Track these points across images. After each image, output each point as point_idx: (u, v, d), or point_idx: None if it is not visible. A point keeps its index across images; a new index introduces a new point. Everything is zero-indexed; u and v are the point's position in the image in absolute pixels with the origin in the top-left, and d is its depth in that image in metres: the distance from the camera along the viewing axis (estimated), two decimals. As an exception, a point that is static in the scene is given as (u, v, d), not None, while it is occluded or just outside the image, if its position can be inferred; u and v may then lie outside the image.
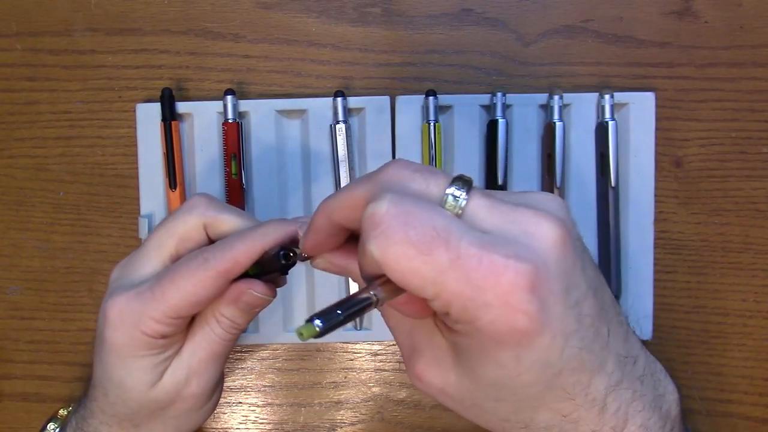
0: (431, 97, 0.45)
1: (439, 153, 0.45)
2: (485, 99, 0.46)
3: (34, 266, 0.48)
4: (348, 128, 0.46)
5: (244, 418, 0.48)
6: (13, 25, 0.48)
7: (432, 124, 0.45)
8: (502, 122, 0.45)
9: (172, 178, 0.46)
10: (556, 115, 0.45)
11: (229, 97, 0.45)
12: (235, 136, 0.45)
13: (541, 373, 0.25)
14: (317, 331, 0.24)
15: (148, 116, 0.46)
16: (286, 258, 0.32)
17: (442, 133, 0.46)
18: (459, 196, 0.24)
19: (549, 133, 0.46)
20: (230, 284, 0.33)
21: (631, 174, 0.46)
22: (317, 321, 0.24)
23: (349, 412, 0.48)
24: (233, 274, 0.32)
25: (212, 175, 0.47)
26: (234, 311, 0.34)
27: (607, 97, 0.45)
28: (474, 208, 0.25)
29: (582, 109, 0.46)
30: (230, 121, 0.45)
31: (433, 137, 0.45)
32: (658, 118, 0.46)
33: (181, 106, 0.46)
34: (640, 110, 0.46)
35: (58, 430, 0.44)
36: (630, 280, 0.46)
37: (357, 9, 0.47)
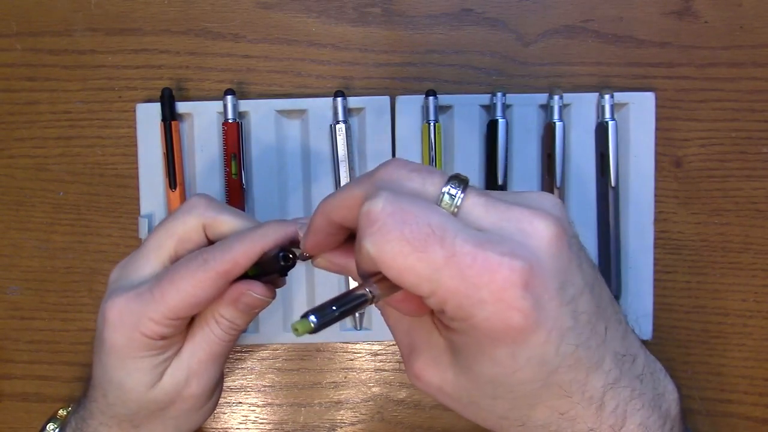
0: (431, 97, 0.45)
1: (439, 153, 0.45)
2: (485, 99, 0.46)
3: (34, 266, 0.48)
4: (348, 128, 0.46)
5: (244, 418, 0.48)
6: (13, 25, 0.48)
7: (432, 124, 0.45)
8: (502, 122, 0.45)
9: (172, 178, 0.46)
10: (556, 115, 0.45)
11: (229, 97, 0.45)
12: (235, 136, 0.45)
13: (537, 370, 0.25)
14: (312, 327, 0.24)
15: (148, 116, 0.46)
16: (286, 259, 0.32)
17: (442, 133, 0.46)
18: (455, 195, 0.25)
19: (549, 133, 0.46)
20: (230, 285, 0.33)
21: (631, 174, 0.46)
22: (312, 317, 0.24)
23: (349, 412, 0.48)
24: (232, 275, 0.32)
25: (212, 175, 0.47)
26: (233, 312, 0.34)
27: (607, 97, 0.45)
28: (470, 206, 0.25)
29: (582, 109, 0.46)
30: (230, 121, 0.45)
31: (433, 137, 0.45)
32: (658, 118, 0.46)
33: (181, 106, 0.46)
34: (640, 110, 0.46)
35: (57, 431, 0.44)
36: (630, 280, 0.46)
37: (357, 9, 0.47)
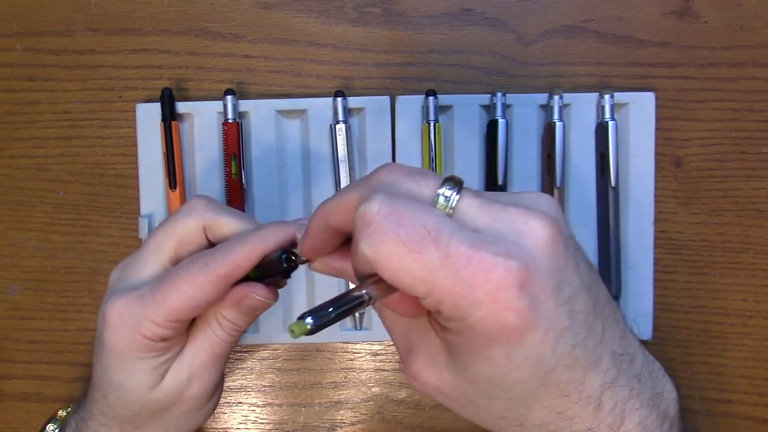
0: (431, 97, 0.45)
1: (439, 153, 0.45)
2: (485, 99, 0.46)
3: (34, 266, 0.48)
4: (348, 128, 0.46)
5: (244, 418, 0.48)
6: (13, 25, 0.48)
7: (432, 124, 0.45)
8: (502, 122, 0.45)
9: (172, 178, 0.46)
10: (556, 115, 0.45)
11: (229, 97, 0.45)
12: (235, 136, 0.45)
13: (534, 370, 0.25)
14: (308, 329, 0.24)
15: (148, 116, 0.46)
16: (288, 261, 0.32)
17: (442, 133, 0.46)
18: (450, 196, 0.25)
19: (549, 133, 0.46)
20: (232, 287, 0.33)
21: (631, 174, 0.46)
22: (308, 318, 0.24)
23: (349, 412, 0.48)
24: (234, 278, 0.32)
25: (212, 175, 0.47)
26: (235, 314, 0.34)
27: (607, 97, 0.45)
28: (465, 207, 0.25)
29: (582, 109, 0.46)
30: (230, 121, 0.45)
31: (433, 137, 0.45)
32: (658, 118, 0.46)
33: (181, 106, 0.46)
34: (640, 110, 0.46)
35: (57, 431, 0.44)
36: (630, 280, 0.46)
37: (357, 9, 0.47)
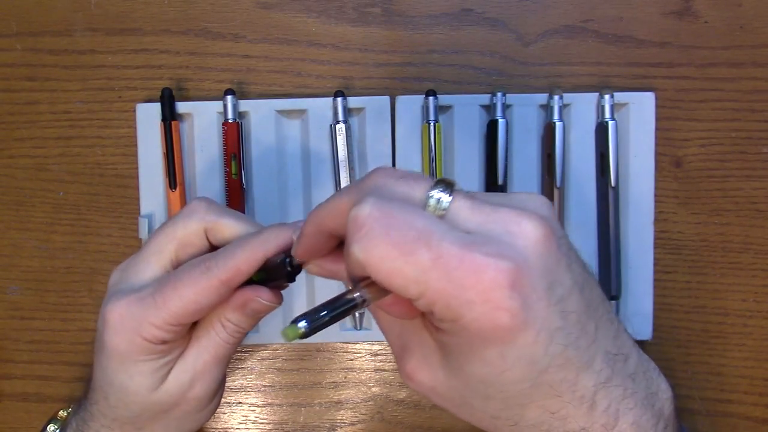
0: (431, 97, 0.45)
1: (439, 153, 0.45)
2: (485, 99, 0.46)
3: (34, 266, 0.48)
4: (348, 128, 0.46)
5: (244, 418, 0.48)
6: (13, 25, 0.48)
7: (432, 124, 0.45)
8: (502, 122, 0.45)
9: (172, 178, 0.46)
10: (556, 115, 0.45)
11: (229, 97, 0.45)
12: (235, 136, 0.45)
13: (526, 370, 0.25)
14: (302, 333, 0.24)
15: (148, 116, 0.46)
16: (292, 265, 0.31)
17: (442, 133, 0.46)
18: (441, 199, 0.25)
19: (549, 133, 0.46)
20: (236, 290, 0.33)
21: (631, 174, 0.46)
22: (302, 322, 0.24)
23: (349, 412, 0.48)
24: (235, 282, 0.32)
25: (212, 175, 0.47)
26: (240, 316, 0.34)
27: (607, 97, 0.45)
28: (456, 209, 0.25)
29: (582, 109, 0.46)
30: (230, 121, 0.45)
31: (433, 137, 0.45)
32: (658, 118, 0.46)
33: (181, 106, 0.46)
34: (640, 110, 0.46)
35: (58, 431, 0.44)
36: (630, 280, 0.46)
37: (357, 9, 0.47)
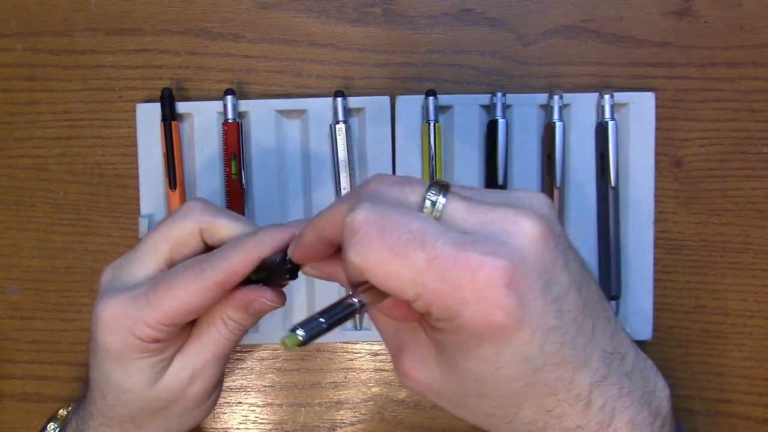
0: (431, 97, 0.45)
1: (439, 153, 0.45)
2: (485, 99, 0.46)
3: (34, 266, 0.48)
4: (348, 128, 0.46)
5: (244, 418, 0.48)
6: (13, 25, 0.48)
7: (432, 124, 0.45)
8: (502, 122, 0.45)
9: (172, 178, 0.46)
10: (556, 115, 0.45)
11: (229, 97, 0.45)
12: (235, 136, 0.45)
13: (521, 368, 0.25)
14: (300, 341, 0.24)
15: (148, 116, 0.46)
16: (292, 263, 0.31)
17: (442, 133, 0.46)
18: (436, 200, 0.25)
19: (549, 133, 0.46)
20: (238, 290, 0.33)
21: (631, 174, 0.46)
22: (300, 330, 0.25)
23: (349, 412, 0.48)
24: (230, 284, 0.32)
25: (212, 175, 0.47)
26: (242, 315, 0.34)
27: (607, 97, 0.45)
28: (452, 210, 0.25)
29: (582, 109, 0.46)
30: (230, 121, 0.45)
31: (433, 137, 0.45)
32: (658, 118, 0.46)
33: (181, 106, 0.46)
34: (640, 110, 0.46)
35: (58, 431, 0.44)
36: (630, 280, 0.46)
37: (357, 9, 0.47)
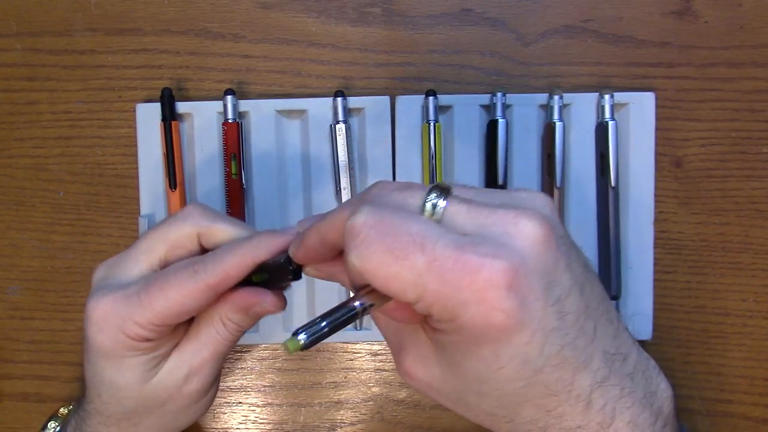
0: (431, 97, 0.45)
1: (439, 153, 0.45)
2: (485, 99, 0.46)
3: (34, 266, 0.48)
4: (348, 128, 0.46)
5: (244, 418, 0.48)
6: (13, 25, 0.48)
7: (432, 124, 0.45)
8: (502, 122, 0.45)
9: (172, 178, 0.46)
10: (556, 115, 0.45)
11: (229, 97, 0.45)
12: (235, 136, 0.45)
13: (520, 369, 0.25)
14: (301, 345, 0.25)
15: (148, 116, 0.46)
16: (294, 264, 0.31)
17: (442, 133, 0.46)
18: (437, 204, 0.25)
19: (549, 133, 0.46)
20: (239, 292, 0.33)
21: (631, 174, 0.46)
22: (302, 335, 0.25)
23: (349, 412, 0.48)
24: (223, 287, 0.32)
25: (212, 175, 0.47)
26: (242, 317, 0.34)
27: (607, 97, 0.45)
28: (452, 213, 0.25)
29: (582, 109, 0.46)
30: (230, 121, 0.45)
31: (433, 137, 0.45)
32: (658, 118, 0.46)
33: (181, 106, 0.46)
34: (640, 110, 0.46)
35: (58, 429, 0.44)
36: (630, 280, 0.46)
37: (357, 9, 0.47)
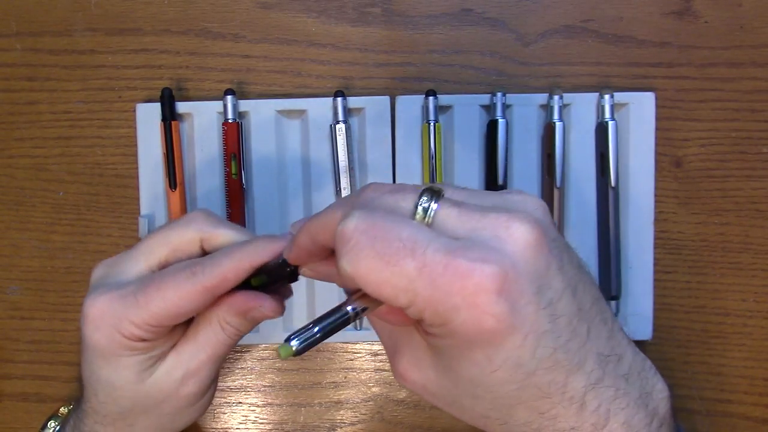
0: (431, 97, 0.45)
1: (439, 153, 0.45)
2: (485, 99, 0.46)
3: (34, 266, 0.48)
4: (348, 128, 0.46)
5: (244, 418, 0.48)
6: (13, 25, 0.48)
7: (432, 124, 0.45)
8: (502, 122, 0.45)
9: (172, 178, 0.46)
10: (556, 115, 0.45)
11: (229, 97, 0.45)
12: (235, 136, 0.45)
13: (513, 372, 0.25)
14: (294, 351, 0.25)
15: (148, 116, 0.46)
16: (291, 266, 0.31)
17: (442, 133, 0.46)
18: (428, 207, 0.25)
19: (549, 133, 0.46)
20: (237, 295, 0.33)
21: (631, 174, 0.46)
22: (294, 341, 0.25)
23: (349, 412, 0.48)
24: (220, 290, 0.32)
25: (212, 175, 0.47)
26: (240, 321, 0.34)
27: (607, 97, 0.45)
28: (444, 217, 0.25)
29: (582, 109, 0.46)
30: (230, 121, 0.45)
31: (433, 137, 0.45)
32: (658, 118, 0.46)
33: (181, 106, 0.46)
34: (640, 110, 0.46)
35: (58, 429, 0.44)
36: (630, 280, 0.46)
37: (357, 9, 0.47)
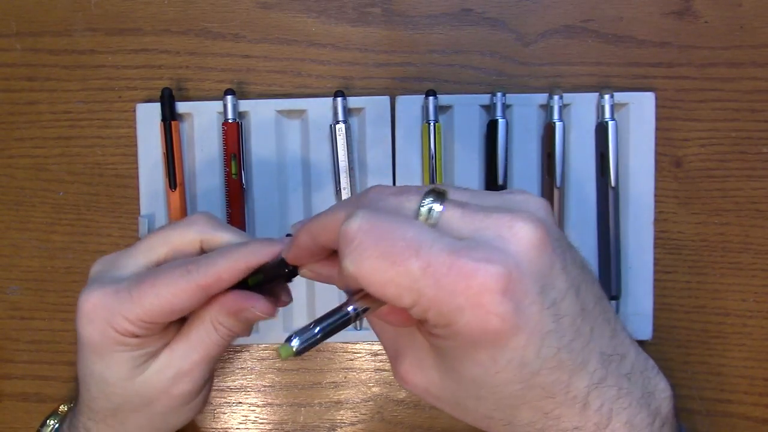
0: (431, 97, 0.45)
1: (439, 153, 0.45)
2: (485, 99, 0.46)
3: (34, 266, 0.48)
4: (348, 128, 0.46)
5: (244, 418, 0.48)
6: (13, 25, 0.48)
7: (432, 124, 0.45)
8: (502, 122, 0.45)
9: (172, 178, 0.46)
10: (556, 115, 0.45)
11: (229, 97, 0.45)
12: (235, 136, 0.45)
13: (517, 372, 0.25)
14: (294, 351, 0.25)
15: (148, 116, 0.46)
16: (290, 266, 0.31)
17: (442, 133, 0.46)
18: (432, 208, 0.25)
19: (549, 133, 0.46)
20: (230, 294, 0.33)
21: (631, 174, 0.46)
22: (294, 341, 0.25)
23: (349, 412, 0.48)
24: (215, 289, 0.32)
25: (212, 175, 0.47)
26: (233, 322, 0.34)
27: (607, 97, 0.45)
28: (448, 217, 0.25)
29: (582, 109, 0.46)
30: (230, 121, 0.45)
31: (433, 137, 0.45)
32: (658, 118, 0.46)
33: (181, 106, 0.46)
34: (640, 110, 0.46)
35: (56, 427, 0.44)
36: (630, 280, 0.46)
37: (357, 9, 0.47)
